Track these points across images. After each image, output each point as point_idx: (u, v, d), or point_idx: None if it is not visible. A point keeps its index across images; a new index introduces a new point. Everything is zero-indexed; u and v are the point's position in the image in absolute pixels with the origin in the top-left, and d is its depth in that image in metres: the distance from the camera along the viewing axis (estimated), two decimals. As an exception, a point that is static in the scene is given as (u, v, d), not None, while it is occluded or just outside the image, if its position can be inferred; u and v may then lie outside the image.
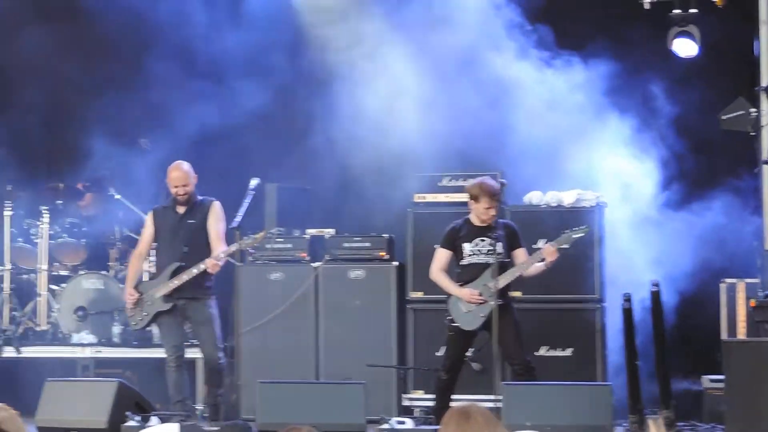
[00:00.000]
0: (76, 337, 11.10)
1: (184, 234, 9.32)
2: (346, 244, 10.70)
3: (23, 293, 11.54)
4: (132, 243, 10.85)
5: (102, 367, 11.09)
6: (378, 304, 10.45)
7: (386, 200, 10.56)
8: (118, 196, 11.40)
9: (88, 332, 11.11)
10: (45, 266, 11.37)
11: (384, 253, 10.58)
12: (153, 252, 9.86)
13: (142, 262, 9.84)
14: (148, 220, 9.61)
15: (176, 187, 9.34)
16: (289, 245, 10.80)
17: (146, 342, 10.90)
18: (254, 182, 9.27)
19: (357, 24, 10.89)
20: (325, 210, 11.37)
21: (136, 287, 9.35)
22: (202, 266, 9.09)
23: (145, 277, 10.12)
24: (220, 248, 9.17)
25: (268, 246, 10.54)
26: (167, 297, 9.23)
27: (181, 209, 9.39)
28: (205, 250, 9.20)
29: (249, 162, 10.96)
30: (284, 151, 11.45)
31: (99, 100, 11.72)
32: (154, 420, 8.56)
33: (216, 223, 9.32)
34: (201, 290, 9.23)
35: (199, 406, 9.38)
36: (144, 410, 8.82)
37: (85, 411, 8.73)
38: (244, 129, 11.30)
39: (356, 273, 10.58)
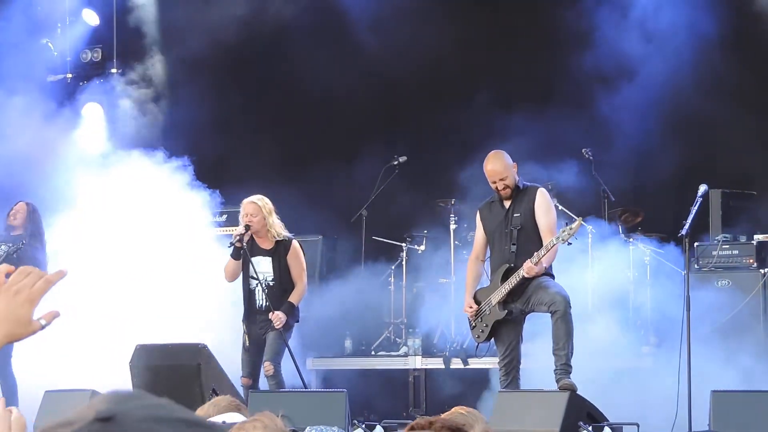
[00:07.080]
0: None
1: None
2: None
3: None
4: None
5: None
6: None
7: None
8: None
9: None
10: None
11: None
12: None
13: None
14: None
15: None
16: (735, 251, 10.48)
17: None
18: (702, 188, 9.03)
19: None
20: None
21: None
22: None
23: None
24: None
25: (714, 253, 10.30)
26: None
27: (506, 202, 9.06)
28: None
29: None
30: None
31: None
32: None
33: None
34: None
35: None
36: (596, 420, 8.75)
37: (536, 421, 8.77)
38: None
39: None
